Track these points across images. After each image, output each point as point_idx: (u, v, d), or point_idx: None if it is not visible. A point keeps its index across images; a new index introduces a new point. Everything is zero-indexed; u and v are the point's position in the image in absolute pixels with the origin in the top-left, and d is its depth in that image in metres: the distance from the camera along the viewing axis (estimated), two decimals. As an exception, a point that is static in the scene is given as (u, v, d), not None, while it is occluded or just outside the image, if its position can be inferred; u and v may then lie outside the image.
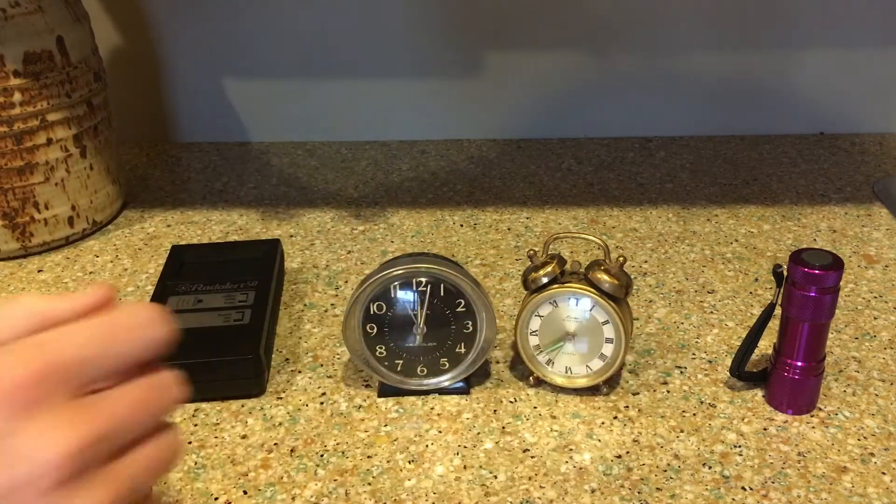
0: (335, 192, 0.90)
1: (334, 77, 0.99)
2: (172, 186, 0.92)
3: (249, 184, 0.92)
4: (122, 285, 0.74)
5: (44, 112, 0.75)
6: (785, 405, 0.57)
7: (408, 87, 1.00)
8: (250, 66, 0.99)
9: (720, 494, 0.51)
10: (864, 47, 0.96)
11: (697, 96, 0.99)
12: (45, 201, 0.77)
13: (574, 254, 0.76)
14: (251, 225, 0.84)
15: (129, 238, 0.82)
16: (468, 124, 1.01)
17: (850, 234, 0.79)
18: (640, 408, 0.58)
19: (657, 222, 0.82)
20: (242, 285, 0.67)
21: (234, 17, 0.96)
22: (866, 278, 0.72)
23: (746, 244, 0.78)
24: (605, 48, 0.97)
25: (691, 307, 0.69)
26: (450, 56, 0.98)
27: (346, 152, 0.99)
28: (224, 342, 0.60)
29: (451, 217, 0.84)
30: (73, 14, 0.77)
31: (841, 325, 0.66)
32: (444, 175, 0.93)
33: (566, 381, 0.59)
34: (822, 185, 0.88)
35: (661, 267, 0.75)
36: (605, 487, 0.51)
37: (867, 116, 1.00)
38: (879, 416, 0.57)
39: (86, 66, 0.79)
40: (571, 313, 0.57)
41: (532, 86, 0.99)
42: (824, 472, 0.52)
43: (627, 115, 1.00)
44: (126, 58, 0.99)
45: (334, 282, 0.74)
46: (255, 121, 1.02)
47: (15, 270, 0.77)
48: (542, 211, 0.85)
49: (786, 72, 0.97)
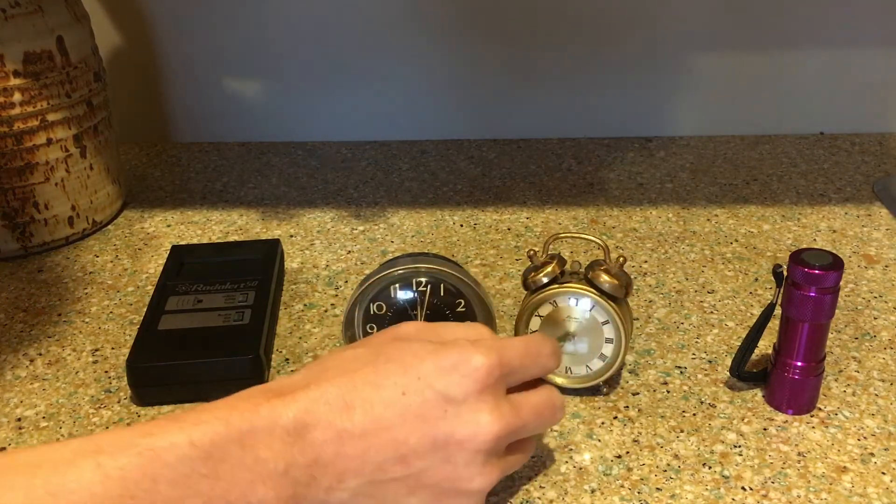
0: (335, 192, 0.90)
1: (334, 77, 0.99)
2: (172, 186, 0.92)
3: (249, 184, 0.92)
4: (122, 285, 0.74)
5: (44, 112, 0.75)
6: (785, 405, 0.57)
7: (408, 87, 1.00)
8: (250, 66, 0.99)
9: (720, 494, 0.51)
10: (864, 47, 0.96)
11: (697, 96, 0.99)
12: (45, 201, 0.77)
13: (574, 254, 0.76)
14: (251, 225, 0.84)
15: (129, 238, 0.82)
16: (468, 124, 1.01)
17: (850, 234, 0.79)
18: (640, 408, 0.58)
19: (657, 222, 0.82)
20: (242, 285, 0.67)
21: (234, 18, 0.96)
22: (866, 278, 0.72)
23: (746, 244, 0.78)
24: (606, 48, 0.97)
25: (691, 307, 0.69)
26: (450, 56, 0.98)
27: (346, 152, 0.99)
28: (224, 342, 0.60)
29: (451, 217, 0.84)
30: (73, 14, 0.77)
31: (841, 325, 0.66)
32: (444, 175, 0.93)
33: (566, 381, 0.59)
34: (822, 185, 0.88)
35: (661, 267, 0.74)
36: (605, 487, 0.51)
37: (867, 116, 1.00)
38: (879, 416, 0.57)
39: (86, 66, 0.79)
40: (571, 313, 0.57)
41: (532, 86, 0.99)
42: (824, 472, 0.52)
43: (627, 115, 1.00)
44: (126, 58, 0.99)
45: (334, 282, 0.74)
46: (255, 121, 1.02)
47: (15, 270, 0.77)
48: (542, 211, 0.85)
49: (786, 72, 0.97)
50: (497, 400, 0.43)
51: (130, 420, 0.58)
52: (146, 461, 0.37)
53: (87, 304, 0.71)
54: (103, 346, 0.66)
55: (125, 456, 0.37)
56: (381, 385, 0.41)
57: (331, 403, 0.40)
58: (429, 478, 0.42)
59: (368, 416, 0.41)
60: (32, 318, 0.70)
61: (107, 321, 0.69)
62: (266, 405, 0.40)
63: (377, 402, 0.41)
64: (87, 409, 0.59)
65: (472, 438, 0.42)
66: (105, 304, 0.71)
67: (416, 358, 0.43)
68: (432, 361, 0.42)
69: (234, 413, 0.40)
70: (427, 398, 0.41)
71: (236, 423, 0.39)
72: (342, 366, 0.43)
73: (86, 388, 0.61)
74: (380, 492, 0.41)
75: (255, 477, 0.39)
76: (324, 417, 0.40)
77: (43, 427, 0.58)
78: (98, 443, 0.38)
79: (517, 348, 0.45)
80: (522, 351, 0.46)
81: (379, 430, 0.41)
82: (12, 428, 0.58)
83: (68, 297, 0.73)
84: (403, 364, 0.42)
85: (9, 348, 0.66)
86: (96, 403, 0.60)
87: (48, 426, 0.58)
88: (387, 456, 0.41)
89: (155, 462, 0.37)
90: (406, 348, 0.44)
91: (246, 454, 0.39)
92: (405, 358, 0.43)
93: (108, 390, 0.61)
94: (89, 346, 0.66)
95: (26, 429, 0.58)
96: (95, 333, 0.68)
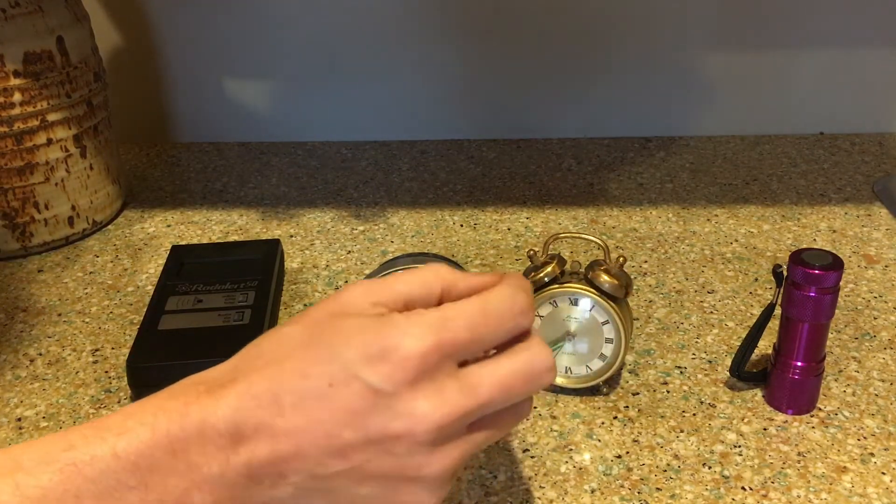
0: (335, 192, 0.90)
1: (334, 77, 0.99)
2: (172, 186, 0.92)
3: (249, 184, 0.92)
4: (122, 285, 0.74)
5: (44, 112, 0.75)
6: (785, 405, 0.57)
7: (408, 87, 1.00)
8: (250, 66, 0.99)
9: (720, 494, 0.51)
10: (864, 47, 0.96)
11: (697, 96, 0.99)
12: (45, 201, 0.77)
13: (574, 254, 0.76)
14: (251, 225, 0.84)
15: (129, 238, 0.82)
16: (468, 124, 1.01)
17: (850, 234, 0.79)
18: (640, 408, 0.58)
19: (657, 222, 0.82)
20: (242, 285, 0.67)
21: (234, 17, 0.96)
22: (866, 278, 0.72)
23: (746, 244, 0.78)
24: (606, 48, 0.97)
25: (691, 307, 0.69)
26: (450, 56, 0.98)
27: (346, 152, 0.99)
28: (224, 342, 0.60)
29: (451, 217, 0.84)
30: (73, 14, 0.77)
31: (841, 325, 0.66)
32: (444, 175, 0.93)
33: (566, 381, 0.59)
34: (821, 185, 0.88)
35: (661, 267, 0.75)
36: (605, 487, 0.51)
37: (867, 116, 1.00)
38: (879, 416, 0.57)
39: (86, 66, 0.79)
40: (571, 313, 0.57)
41: (532, 86, 0.99)
42: (824, 472, 0.52)
43: (627, 115, 1.00)
44: (126, 58, 0.99)
45: (334, 282, 0.74)
46: (255, 121, 1.02)
47: (15, 270, 0.77)
48: (542, 211, 0.85)
49: (786, 72, 0.97)
50: (438, 384, 0.38)
51: (130, 420, 0.58)
52: (67, 477, 0.35)
53: (87, 304, 0.71)
54: (103, 346, 0.66)
55: (45, 473, 0.35)
56: (308, 375, 0.38)
57: (259, 398, 0.38)
58: (374, 469, 0.38)
59: (298, 411, 0.37)
60: (32, 318, 0.70)
61: (107, 321, 0.69)
62: (196, 404, 0.37)
63: (306, 394, 0.38)
64: (87, 409, 0.59)
65: (408, 432, 0.37)
66: (105, 304, 0.71)
67: (344, 341, 0.38)
68: (359, 346, 0.37)
69: (162, 416, 0.37)
70: (354, 390, 0.37)
71: (164, 427, 0.37)
72: (273, 351, 0.40)
73: (86, 388, 0.61)
74: (326, 484, 0.39)
75: (190, 484, 0.37)
76: (253, 414, 0.37)
77: (43, 427, 0.58)
78: (17, 459, 0.36)
79: (468, 315, 0.39)
80: (476, 318, 0.39)
81: (310, 424, 0.37)
82: (12, 428, 0.58)
83: (68, 297, 0.73)
84: (331, 349, 0.38)
85: (9, 348, 0.66)
86: (96, 403, 0.60)
87: (48, 426, 0.58)
88: (323, 451, 0.38)
89: (77, 477, 0.35)
90: (338, 327, 0.39)
91: (177, 461, 0.37)
92: (334, 340, 0.38)
93: (108, 390, 0.61)
94: (89, 346, 0.66)
95: (26, 429, 0.58)
96: (95, 333, 0.68)
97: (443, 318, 0.38)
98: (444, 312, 0.39)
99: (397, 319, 0.38)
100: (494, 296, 0.40)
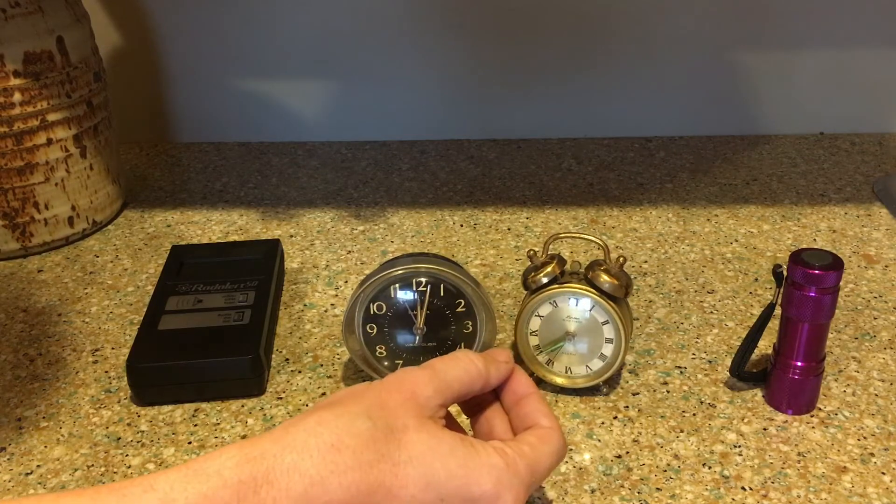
0: (335, 192, 0.90)
1: (335, 77, 0.99)
2: (172, 186, 0.92)
3: (249, 184, 0.92)
4: (122, 285, 0.74)
5: (44, 112, 0.75)
6: (785, 405, 0.57)
7: (408, 87, 1.00)
8: (250, 66, 0.99)
9: (720, 494, 0.51)
10: (864, 47, 0.96)
11: (697, 96, 0.99)
12: (45, 201, 0.77)
13: (574, 254, 0.76)
14: (251, 225, 0.84)
15: (129, 238, 0.82)
16: (468, 124, 1.01)
17: (850, 234, 0.79)
18: (640, 408, 0.58)
19: (657, 222, 0.82)
20: (242, 285, 0.67)
21: (235, 17, 0.96)
22: (866, 278, 0.72)
23: (746, 244, 0.78)
24: (605, 48, 0.97)
25: (691, 307, 0.69)
26: (450, 56, 0.98)
27: (346, 152, 0.99)
28: (224, 342, 0.60)
29: (451, 217, 0.84)
30: (73, 14, 0.77)
31: (841, 325, 0.66)
32: (444, 175, 0.93)
33: (566, 381, 0.59)
34: (821, 185, 0.88)
35: (661, 267, 0.75)
36: (605, 487, 0.51)
37: (867, 116, 1.00)
38: (879, 416, 0.57)
39: (86, 66, 0.79)
40: (571, 313, 0.57)
41: (532, 86, 0.99)
42: (824, 472, 0.52)
43: (627, 115, 1.00)
44: (126, 58, 0.99)
45: (334, 282, 0.74)
46: (255, 121, 1.02)
47: (15, 270, 0.77)
48: (542, 211, 0.85)
49: (786, 72, 0.97)
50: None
51: (130, 420, 0.58)
52: None
53: (87, 304, 0.71)
54: (103, 346, 0.66)
55: None
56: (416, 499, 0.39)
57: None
58: None
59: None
60: (32, 318, 0.70)
61: (107, 321, 0.69)
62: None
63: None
64: (87, 409, 0.59)
65: None
66: (105, 304, 0.71)
67: (442, 467, 0.40)
68: (459, 484, 0.40)
69: None
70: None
71: None
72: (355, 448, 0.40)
73: (86, 388, 0.61)
74: None
75: None
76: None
77: (43, 427, 0.58)
78: None
79: (548, 469, 0.44)
80: (551, 468, 0.44)
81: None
82: (12, 428, 0.58)
83: (68, 297, 0.73)
84: (430, 475, 0.39)
85: (9, 348, 0.66)
86: (96, 403, 0.60)
87: (48, 426, 0.58)
88: None
89: None
90: (427, 444, 0.40)
91: None
92: (427, 459, 0.40)
93: (108, 390, 0.61)
94: (89, 346, 0.66)
95: (26, 429, 0.58)
96: (95, 333, 0.68)
97: (533, 474, 0.42)
98: (534, 467, 0.42)
99: (495, 462, 0.41)
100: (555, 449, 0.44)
